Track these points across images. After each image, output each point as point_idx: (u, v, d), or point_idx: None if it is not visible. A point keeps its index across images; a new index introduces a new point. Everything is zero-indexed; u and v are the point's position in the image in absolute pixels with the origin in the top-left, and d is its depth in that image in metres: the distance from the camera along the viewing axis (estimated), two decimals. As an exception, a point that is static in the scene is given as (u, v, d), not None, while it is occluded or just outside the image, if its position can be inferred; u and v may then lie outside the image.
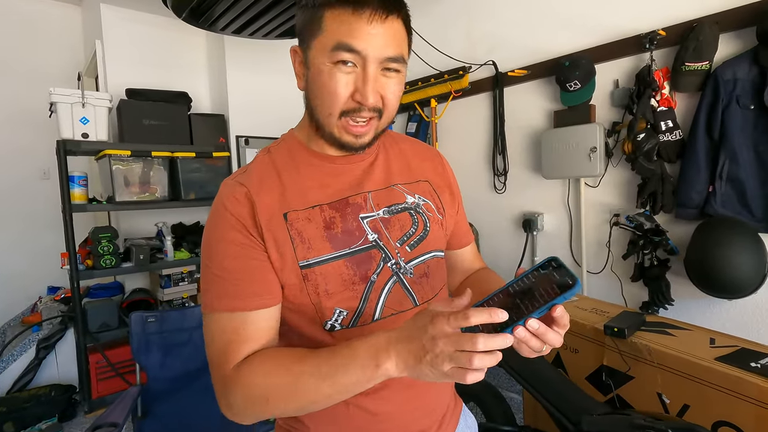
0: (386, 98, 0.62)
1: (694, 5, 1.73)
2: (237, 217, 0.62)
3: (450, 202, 0.78)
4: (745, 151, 1.60)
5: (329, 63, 0.60)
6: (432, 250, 0.72)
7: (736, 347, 1.21)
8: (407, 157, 0.77)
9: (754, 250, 1.54)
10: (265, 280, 0.62)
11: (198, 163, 2.86)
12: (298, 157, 0.69)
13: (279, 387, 0.56)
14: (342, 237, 0.65)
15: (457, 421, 0.78)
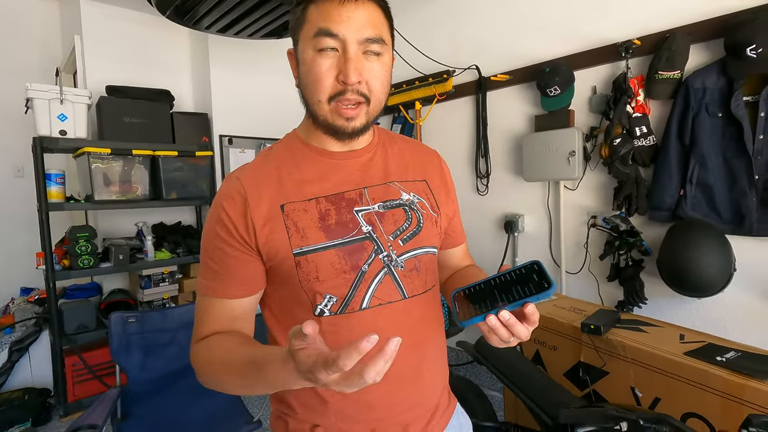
0: (370, 83, 0.65)
1: (668, 17, 1.81)
2: (228, 216, 0.67)
3: (445, 202, 0.81)
4: (714, 157, 1.68)
5: (313, 51, 0.65)
6: (424, 246, 0.74)
7: (704, 342, 1.27)
8: (405, 157, 0.80)
9: (721, 251, 1.61)
10: (241, 275, 0.68)
11: (180, 162, 2.83)
12: (297, 153, 0.73)
13: (211, 372, 0.64)
14: (336, 228, 0.68)
15: (448, 419, 0.80)
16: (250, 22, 2.12)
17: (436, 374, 0.78)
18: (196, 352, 0.68)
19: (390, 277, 0.70)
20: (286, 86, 3.52)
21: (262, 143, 3.38)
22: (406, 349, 0.70)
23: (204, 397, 1.90)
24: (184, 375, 1.93)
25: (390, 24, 0.69)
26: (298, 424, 0.73)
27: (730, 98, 1.60)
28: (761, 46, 1.49)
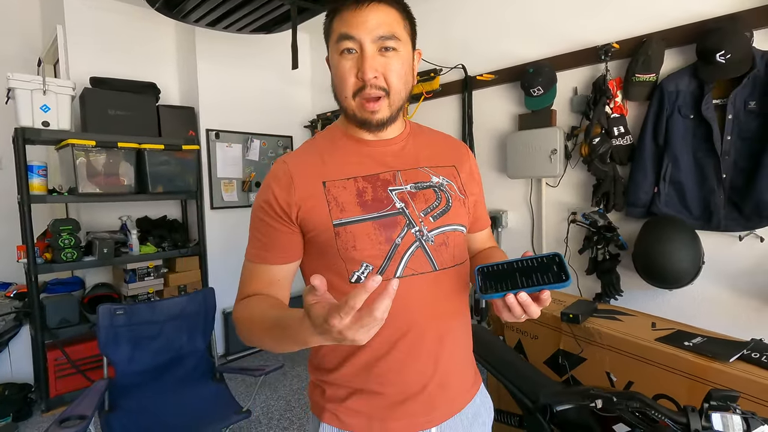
0: (388, 77, 0.73)
1: (645, 22, 1.90)
2: (275, 194, 0.77)
3: (472, 187, 0.88)
4: (686, 157, 1.78)
5: (337, 55, 0.75)
6: (453, 224, 0.81)
7: (673, 330, 1.36)
8: (435, 146, 0.88)
9: (691, 245, 1.71)
10: (280, 245, 0.78)
11: (167, 156, 2.81)
12: (337, 141, 0.83)
13: (247, 329, 0.74)
14: (372, 203, 0.76)
15: (471, 396, 0.86)
16: (240, 16, 2.13)
17: (462, 349, 0.85)
18: (237, 309, 0.78)
19: (422, 250, 0.76)
20: (274, 82, 3.54)
21: (249, 138, 3.39)
22: (430, 319, 0.78)
23: (192, 389, 1.92)
24: (172, 367, 1.95)
25: (408, 21, 0.77)
26: (335, 389, 0.80)
27: (701, 101, 1.70)
28: (729, 53, 1.59)
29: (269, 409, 2.47)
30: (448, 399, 0.81)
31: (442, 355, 0.80)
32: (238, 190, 3.36)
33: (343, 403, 0.79)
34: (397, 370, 0.77)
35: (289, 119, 3.66)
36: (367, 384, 0.78)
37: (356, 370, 0.78)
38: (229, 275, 3.22)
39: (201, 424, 1.69)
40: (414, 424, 0.78)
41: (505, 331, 1.79)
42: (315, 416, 0.83)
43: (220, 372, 2.02)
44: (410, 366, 0.77)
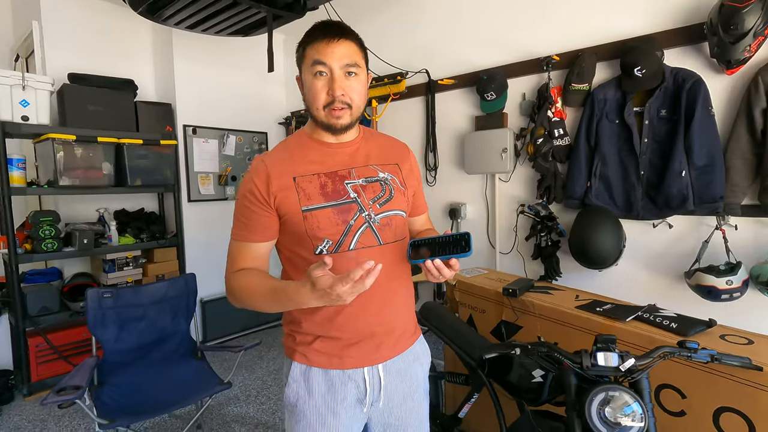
0: (350, 95, 0.95)
1: (580, 38, 2.17)
2: (256, 185, 0.96)
3: (411, 180, 1.10)
4: (612, 156, 2.07)
5: (311, 76, 0.94)
6: (395, 209, 1.02)
7: (590, 300, 1.63)
8: (382, 147, 1.10)
9: (615, 232, 2.00)
10: (262, 227, 0.98)
11: (145, 150, 2.92)
12: (304, 143, 1.03)
13: (246, 294, 0.94)
14: (332, 194, 0.97)
15: (412, 343, 1.09)
16: (218, 21, 2.28)
17: (403, 305, 1.07)
18: (231, 280, 0.97)
19: (370, 229, 0.98)
20: (250, 80, 3.69)
21: (226, 134, 3.52)
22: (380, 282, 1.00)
23: (175, 366, 2.09)
24: (156, 347, 2.11)
25: (364, 52, 0.99)
26: (303, 336, 1.02)
27: (624, 108, 1.99)
28: (645, 68, 1.88)
29: (247, 388, 2.65)
30: (392, 343, 1.04)
31: (387, 309, 1.02)
32: (215, 184, 3.49)
33: (310, 346, 1.01)
34: (351, 320, 0.99)
35: (263, 116, 3.81)
36: (328, 331, 1.00)
37: (320, 321, 1.00)
38: (206, 265, 3.35)
39: (186, 395, 1.86)
40: (364, 360, 1.01)
41: (459, 308, 2.03)
42: (288, 358, 1.06)
43: (201, 351, 2.18)
44: (361, 317, 0.99)
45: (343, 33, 0.94)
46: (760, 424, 1.10)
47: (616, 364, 1.06)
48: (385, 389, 1.04)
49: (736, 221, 1.80)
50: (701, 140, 1.80)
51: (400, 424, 1.08)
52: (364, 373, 1.01)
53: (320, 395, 1.00)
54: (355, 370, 1.00)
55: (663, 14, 1.94)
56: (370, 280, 0.74)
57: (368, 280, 0.74)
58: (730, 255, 1.78)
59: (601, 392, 1.03)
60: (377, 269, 0.74)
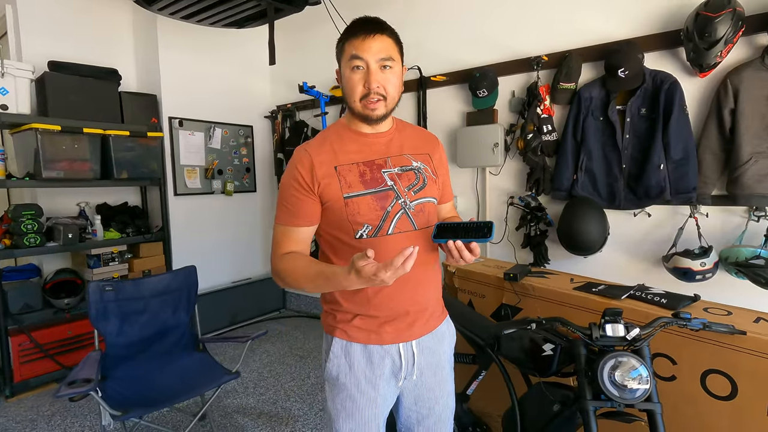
0: (386, 87, 1.01)
1: (568, 39, 2.32)
2: (300, 173, 1.03)
3: (440, 170, 1.18)
4: (597, 151, 2.23)
5: (349, 70, 1.00)
6: (428, 196, 1.10)
7: (585, 282, 1.78)
8: (415, 138, 1.16)
9: (600, 221, 2.17)
10: (306, 213, 1.04)
11: (131, 142, 2.85)
12: (343, 134, 1.08)
13: (292, 277, 1.00)
14: (370, 182, 1.03)
15: (440, 323, 1.17)
16: (216, 11, 2.27)
17: (433, 286, 1.15)
18: (278, 263, 1.03)
19: (405, 215, 1.05)
20: (236, 73, 3.66)
21: (212, 126, 3.47)
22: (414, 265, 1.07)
23: (179, 359, 2.08)
24: (158, 340, 2.09)
25: (399, 46, 1.05)
26: (344, 314, 1.09)
27: (608, 106, 2.15)
28: (628, 69, 2.04)
29: (244, 381, 2.66)
30: (424, 321, 1.12)
31: (420, 290, 1.10)
32: (201, 178, 3.44)
33: (350, 323, 1.08)
34: (388, 300, 1.06)
35: (249, 110, 3.77)
36: (367, 310, 1.07)
37: (360, 301, 1.07)
38: (193, 260, 3.30)
39: (192, 386, 1.86)
40: (399, 337, 1.08)
41: (458, 294, 2.14)
42: (328, 335, 1.12)
43: (203, 343, 2.18)
44: (397, 297, 1.07)
45: (379, 28, 1.00)
46: (742, 382, 1.26)
47: (623, 334, 1.19)
48: (418, 364, 1.12)
49: (707, 210, 2.00)
50: (677, 137, 1.98)
51: (430, 396, 1.16)
52: (399, 348, 1.08)
53: (360, 368, 1.08)
54: (391, 345, 1.08)
55: (644, 20, 2.11)
56: (410, 264, 0.80)
57: (408, 263, 0.80)
58: (703, 240, 1.97)
59: (612, 358, 1.15)
60: (415, 252, 0.80)
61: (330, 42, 3.35)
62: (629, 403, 1.12)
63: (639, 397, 1.12)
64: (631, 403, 1.12)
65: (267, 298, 3.87)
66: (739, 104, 1.83)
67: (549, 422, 1.36)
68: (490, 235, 0.90)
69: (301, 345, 3.21)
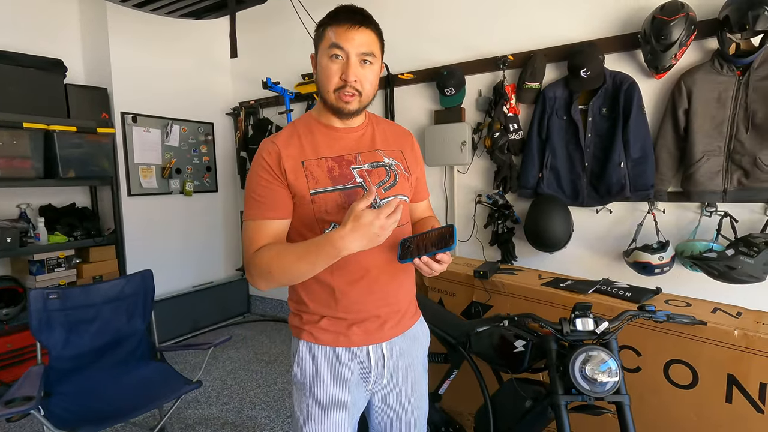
0: (362, 82, 0.96)
1: (532, 40, 2.36)
2: (268, 163, 0.97)
3: (414, 167, 1.14)
4: (561, 149, 2.28)
5: (326, 58, 0.95)
6: (399, 194, 1.05)
7: (553, 278, 1.80)
8: (387, 134, 1.11)
9: (564, 218, 2.22)
10: (279, 203, 0.97)
11: (79, 139, 2.65)
12: (313, 127, 1.03)
13: (276, 263, 0.92)
14: (339, 178, 0.98)
15: (413, 323, 1.13)
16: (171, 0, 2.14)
17: (405, 287, 1.11)
18: (255, 258, 0.94)
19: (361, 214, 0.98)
20: (194, 67, 3.49)
21: (170, 123, 3.30)
22: (384, 264, 1.02)
23: (134, 370, 1.95)
24: (111, 350, 1.94)
25: (381, 43, 1.00)
26: (310, 316, 1.03)
27: (571, 106, 2.20)
28: (589, 70, 2.09)
29: (206, 390, 2.53)
30: (395, 322, 1.08)
31: (391, 290, 1.06)
32: (158, 177, 3.25)
33: (317, 325, 1.03)
34: (357, 302, 1.02)
35: (210, 106, 3.62)
36: (334, 312, 1.02)
37: (327, 301, 1.02)
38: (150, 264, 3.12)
39: (151, 398, 1.74)
40: (369, 339, 1.04)
41: (429, 293, 2.12)
42: (295, 337, 1.07)
43: (160, 352, 2.05)
44: (367, 298, 1.02)
45: (366, 21, 0.96)
46: (702, 371, 1.31)
47: (593, 328, 1.20)
48: (389, 367, 1.08)
49: (663, 206, 2.08)
50: (636, 136, 2.05)
51: (401, 399, 1.13)
52: (369, 350, 1.04)
53: (328, 372, 1.03)
54: (360, 348, 1.03)
55: (604, 23, 2.17)
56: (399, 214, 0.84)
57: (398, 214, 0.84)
58: (660, 235, 2.05)
59: (582, 353, 1.16)
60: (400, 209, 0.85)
61: (295, 37, 3.27)
62: (599, 396, 1.14)
63: (609, 390, 1.13)
64: (601, 396, 1.14)
65: (230, 302, 3.72)
66: (692, 105, 1.92)
67: (521, 418, 1.36)
68: (453, 244, 0.87)
69: (266, 350, 3.10)
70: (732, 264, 1.73)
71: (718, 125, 1.89)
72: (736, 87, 1.83)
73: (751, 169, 1.83)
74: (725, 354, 1.26)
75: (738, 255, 1.73)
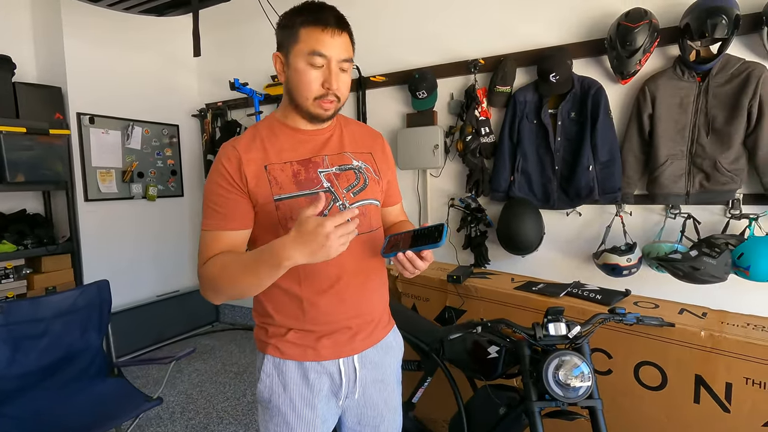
0: (341, 89, 0.92)
1: (503, 44, 2.37)
2: (227, 170, 0.91)
3: (385, 170, 1.09)
4: (531, 153, 2.29)
5: (305, 64, 0.89)
6: (369, 198, 1.01)
7: (525, 281, 1.80)
8: (356, 135, 1.07)
9: (536, 221, 2.23)
10: (237, 214, 0.91)
11: (29, 141, 2.49)
12: (276, 129, 0.97)
13: (221, 275, 0.86)
14: (305, 182, 0.93)
15: (386, 334, 1.08)
16: (130, -5, 2.03)
17: (377, 295, 1.05)
18: (205, 269, 0.89)
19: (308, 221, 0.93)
20: (158, 66, 3.35)
21: (131, 125, 3.14)
22: (354, 272, 0.98)
23: (88, 388, 1.82)
24: (63, 367, 1.81)
25: (354, 46, 0.97)
26: (276, 329, 0.97)
27: (541, 110, 2.22)
28: (559, 74, 2.12)
29: (170, 405, 2.40)
30: (367, 333, 1.03)
31: (363, 300, 1.01)
32: (118, 181, 3.09)
33: (283, 338, 0.97)
34: (326, 313, 0.96)
35: (175, 107, 3.48)
36: (302, 324, 0.96)
37: (293, 313, 0.96)
38: (110, 273, 2.95)
39: (107, 417, 1.63)
40: (339, 351, 0.98)
41: (402, 298, 2.09)
42: (260, 352, 1.00)
43: (118, 367, 1.93)
44: (337, 309, 0.97)
45: (344, 26, 0.92)
46: (671, 372, 1.32)
47: (565, 333, 1.19)
48: (360, 380, 1.03)
49: (630, 208, 2.12)
50: (603, 139, 2.08)
51: (374, 414, 1.08)
52: (339, 364, 0.99)
53: (295, 388, 0.97)
54: (330, 361, 0.98)
55: (573, 28, 2.21)
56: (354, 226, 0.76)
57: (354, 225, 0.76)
58: (628, 237, 2.09)
59: (555, 358, 1.15)
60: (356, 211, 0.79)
61: (264, 37, 3.18)
62: (573, 401, 1.12)
63: (582, 395, 1.12)
64: (575, 401, 1.12)
65: (198, 311, 3.57)
66: (656, 110, 1.97)
67: (496, 425, 1.34)
68: (441, 240, 0.82)
69: (236, 360, 2.98)
70: (696, 265, 1.77)
71: (680, 130, 1.94)
72: (696, 92, 1.89)
73: (712, 172, 1.88)
74: (692, 355, 1.27)
75: (701, 256, 1.77)
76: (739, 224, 1.88)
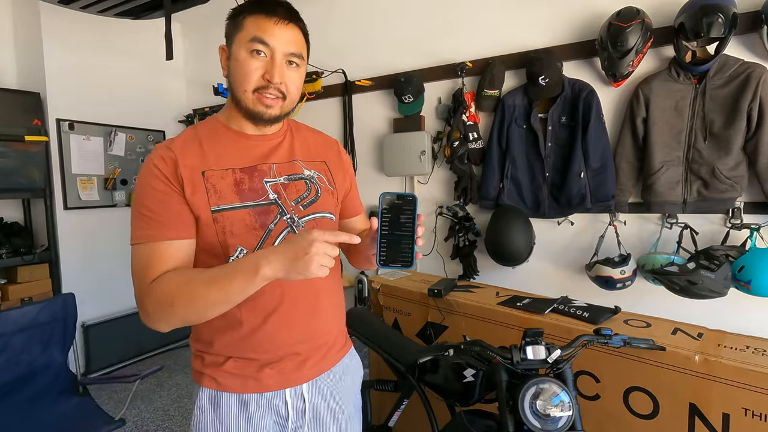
0: (288, 85, 0.83)
1: (491, 46, 2.28)
2: (162, 171, 0.80)
3: (342, 179, 1.00)
4: (521, 159, 2.19)
5: (246, 52, 0.81)
6: (322, 211, 0.92)
7: (510, 295, 1.69)
8: (309, 142, 0.98)
9: (525, 230, 2.12)
10: (179, 219, 0.80)
11: (4, 147, 2.42)
12: (218, 132, 0.87)
13: (180, 293, 0.73)
14: (248, 193, 0.83)
15: (341, 358, 0.98)
16: (102, -3, 1.97)
17: (330, 317, 0.95)
18: (156, 286, 0.75)
19: (292, 235, 0.86)
20: (142, 71, 3.28)
21: (114, 131, 3.07)
22: (302, 291, 0.88)
23: (49, 407, 1.72)
24: (21, 386, 1.72)
25: (308, 45, 0.89)
26: (214, 357, 0.87)
27: (531, 114, 2.12)
28: (548, 77, 2.02)
29: (144, 422, 2.30)
30: (319, 358, 0.92)
31: (313, 323, 0.91)
32: (100, 189, 3.02)
33: (220, 368, 0.87)
34: (270, 339, 0.86)
35: (160, 113, 3.41)
36: (243, 351, 0.86)
37: (233, 341, 0.86)
38: (89, 284, 2.89)
39: (63, 441, 1.54)
40: (285, 381, 0.88)
41: (384, 312, 1.98)
42: (196, 383, 0.90)
43: (83, 385, 1.83)
44: (282, 334, 0.87)
45: (294, 17, 0.85)
46: (663, 400, 1.21)
47: (544, 357, 1.08)
48: (310, 412, 0.92)
49: (624, 217, 2.01)
50: (595, 145, 1.98)
51: None
52: (285, 395, 0.89)
53: (234, 424, 0.87)
54: (275, 392, 0.88)
55: (562, 29, 2.11)
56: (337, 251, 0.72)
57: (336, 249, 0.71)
58: (621, 247, 1.98)
59: (533, 386, 1.04)
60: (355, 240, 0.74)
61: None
62: (552, 434, 1.02)
63: (562, 427, 1.01)
64: (554, 434, 1.02)
65: (183, 321, 3.47)
66: (650, 113, 1.86)
67: (472, 457, 1.23)
68: None
69: (218, 373, 2.88)
70: (693, 279, 1.66)
71: (676, 134, 1.83)
72: (693, 95, 1.79)
73: (710, 179, 1.77)
74: (686, 381, 1.16)
75: (699, 269, 1.66)
76: (740, 235, 1.77)
